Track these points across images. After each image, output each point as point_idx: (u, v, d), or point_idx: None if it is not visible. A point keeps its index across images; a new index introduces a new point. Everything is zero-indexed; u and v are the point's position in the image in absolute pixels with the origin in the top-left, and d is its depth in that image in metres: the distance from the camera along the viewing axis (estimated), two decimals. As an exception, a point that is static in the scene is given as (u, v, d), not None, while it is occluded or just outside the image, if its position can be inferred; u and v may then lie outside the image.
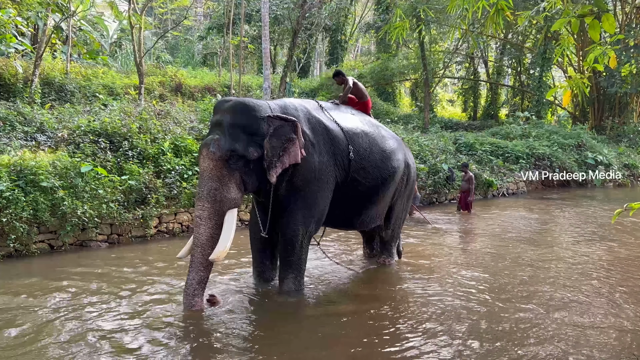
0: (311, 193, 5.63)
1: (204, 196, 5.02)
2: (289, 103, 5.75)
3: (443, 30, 23.41)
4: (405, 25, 5.32)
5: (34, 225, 7.83)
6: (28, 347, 4.39)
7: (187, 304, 5.09)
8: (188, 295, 5.07)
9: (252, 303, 5.71)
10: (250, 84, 20.03)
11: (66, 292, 5.93)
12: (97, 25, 18.87)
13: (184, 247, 5.41)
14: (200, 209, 5.04)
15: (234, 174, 5.10)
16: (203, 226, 5.02)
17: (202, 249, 5.01)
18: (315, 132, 5.70)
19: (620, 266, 7.38)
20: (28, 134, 9.62)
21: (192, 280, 5.04)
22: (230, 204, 5.11)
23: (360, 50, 38.73)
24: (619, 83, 21.44)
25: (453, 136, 18.26)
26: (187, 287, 5.07)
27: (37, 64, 12.05)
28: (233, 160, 5.04)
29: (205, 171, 5.05)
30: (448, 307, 5.56)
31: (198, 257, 5.02)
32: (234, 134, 5.09)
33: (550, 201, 15.02)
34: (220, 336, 4.75)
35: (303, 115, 5.70)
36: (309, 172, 5.55)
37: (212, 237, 5.02)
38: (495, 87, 29.45)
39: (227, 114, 5.21)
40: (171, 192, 9.42)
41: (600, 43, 4.16)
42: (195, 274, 5.04)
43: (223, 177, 5.05)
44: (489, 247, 8.73)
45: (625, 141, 22.99)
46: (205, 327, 4.96)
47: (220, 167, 5.02)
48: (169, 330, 4.82)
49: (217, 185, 5.03)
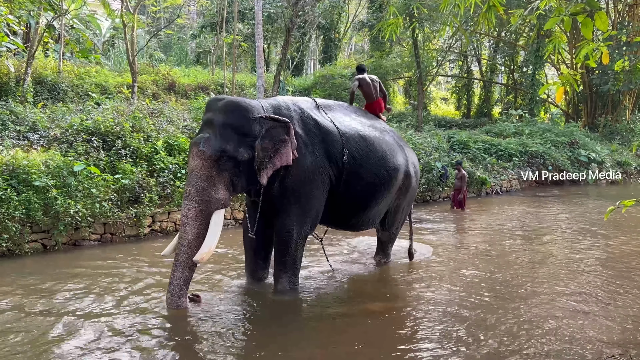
0: (305, 194, 5.58)
1: (192, 195, 4.98)
2: (283, 102, 5.70)
3: (436, 28, 23.38)
4: (399, 23, 5.32)
5: (26, 225, 7.79)
6: (17, 348, 4.37)
7: (171, 304, 5.05)
8: (173, 295, 5.02)
9: (244, 303, 5.70)
10: (243, 82, 19.99)
11: (57, 292, 5.90)
12: (90, 24, 18.77)
13: (168, 245, 5.37)
14: (186, 208, 4.99)
15: (223, 175, 5.06)
16: (189, 226, 4.97)
17: (187, 249, 4.96)
18: (309, 133, 5.64)
19: (614, 263, 7.43)
20: (20, 133, 9.57)
21: (177, 280, 5.00)
22: (218, 205, 5.06)
23: (354, 49, 38.67)
24: (611, 81, 21.50)
25: (446, 134, 18.29)
26: (172, 287, 5.02)
27: (29, 62, 11.98)
28: (223, 160, 5.00)
29: (194, 170, 5.00)
30: (445, 306, 5.58)
31: (183, 257, 4.97)
32: (225, 134, 5.04)
33: (543, 199, 15.06)
34: (211, 337, 4.71)
35: (296, 115, 5.65)
36: (302, 173, 5.51)
37: (198, 237, 4.97)
38: (489, 85, 29.48)
39: (219, 113, 5.16)
40: (164, 191, 9.39)
41: (592, 41, 4.17)
42: (180, 274, 4.99)
43: (212, 177, 5.00)
44: (485, 245, 8.75)
45: (617, 139, 23.07)
46: (196, 328, 4.92)
47: (209, 166, 4.97)
48: (160, 333, 4.77)
49: (205, 185, 4.98)
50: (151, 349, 4.40)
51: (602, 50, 3.90)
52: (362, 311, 5.45)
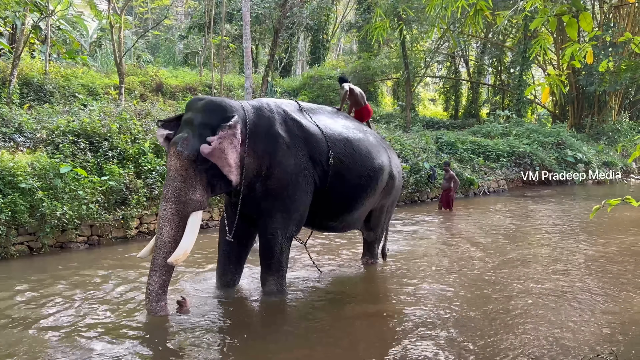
0: (289, 196, 5.54)
1: (168, 196, 4.88)
2: (265, 104, 5.64)
3: (424, 29, 23.49)
4: (386, 25, 5.32)
5: (12, 227, 7.71)
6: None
7: (150, 309, 4.90)
8: (151, 300, 4.88)
9: (229, 305, 5.67)
10: (232, 83, 19.97)
11: (39, 295, 5.86)
12: (77, 25, 18.68)
13: (145, 247, 5.23)
14: (163, 210, 4.90)
15: (201, 175, 4.97)
16: (166, 228, 4.87)
17: (164, 252, 4.85)
18: (292, 135, 5.59)
19: (600, 262, 7.49)
20: (6, 134, 9.48)
21: (154, 284, 4.86)
22: (195, 206, 4.97)
23: (342, 50, 38.76)
24: (597, 81, 21.70)
25: (435, 135, 18.39)
26: (150, 292, 4.88)
27: (15, 64, 11.89)
28: (200, 161, 4.90)
29: (171, 170, 4.91)
30: (433, 305, 5.59)
31: (160, 259, 4.85)
32: (203, 134, 4.93)
33: (530, 199, 15.16)
34: (195, 339, 4.65)
35: (279, 117, 5.59)
36: (285, 175, 5.46)
37: (175, 239, 4.87)
38: (476, 86, 29.67)
39: (198, 113, 5.08)
40: (152, 193, 9.35)
41: (578, 41, 4.20)
42: (157, 278, 4.86)
43: (189, 178, 4.91)
44: (473, 245, 8.78)
45: (604, 139, 23.28)
46: (177, 331, 4.82)
47: (186, 167, 4.88)
48: (140, 338, 4.68)
49: (182, 185, 4.89)
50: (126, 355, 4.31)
51: (586, 50, 3.93)
52: (349, 312, 5.45)
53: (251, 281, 6.30)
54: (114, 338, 4.63)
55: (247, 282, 6.27)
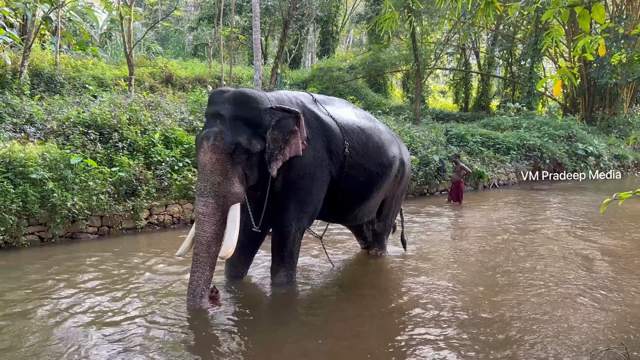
0: (305, 188, 5.55)
1: (207, 191, 4.84)
2: (285, 96, 5.62)
3: (434, 21, 23.36)
4: (395, 17, 5.29)
5: (23, 217, 7.78)
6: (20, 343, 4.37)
7: (193, 305, 4.87)
8: (195, 296, 4.84)
9: (239, 296, 5.69)
10: (241, 75, 19.96)
11: (54, 286, 5.90)
12: (87, 16, 18.67)
13: (182, 244, 5.16)
14: (203, 205, 4.84)
15: (237, 168, 4.94)
16: (207, 223, 4.83)
17: (207, 247, 4.81)
18: (311, 127, 5.56)
19: (613, 257, 7.43)
20: (17, 125, 9.54)
21: (198, 280, 4.83)
22: (234, 199, 4.94)
23: (351, 41, 38.64)
24: (609, 74, 21.50)
25: (444, 127, 18.30)
26: (194, 287, 4.84)
27: (25, 55, 11.93)
28: (237, 153, 4.88)
29: (207, 165, 4.84)
30: (442, 299, 5.58)
31: (203, 255, 4.82)
32: (237, 126, 4.92)
33: (541, 192, 15.07)
34: (206, 332, 4.71)
35: (299, 108, 5.56)
36: (304, 168, 5.45)
37: (217, 234, 4.86)
38: (487, 79, 29.49)
39: (227, 105, 5.02)
40: (162, 184, 9.39)
41: (590, 33, 4.16)
42: (201, 274, 4.82)
43: (227, 171, 4.87)
44: (481, 238, 8.76)
45: (615, 132, 23.10)
46: (189, 324, 4.85)
47: (224, 160, 4.84)
48: (147, 327, 4.72)
49: (220, 179, 4.85)
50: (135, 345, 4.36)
51: (598, 42, 3.88)
52: (358, 306, 5.44)
53: (260, 272, 6.32)
54: (127, 326, 4.67)
55: (255, 272, 6.29)
